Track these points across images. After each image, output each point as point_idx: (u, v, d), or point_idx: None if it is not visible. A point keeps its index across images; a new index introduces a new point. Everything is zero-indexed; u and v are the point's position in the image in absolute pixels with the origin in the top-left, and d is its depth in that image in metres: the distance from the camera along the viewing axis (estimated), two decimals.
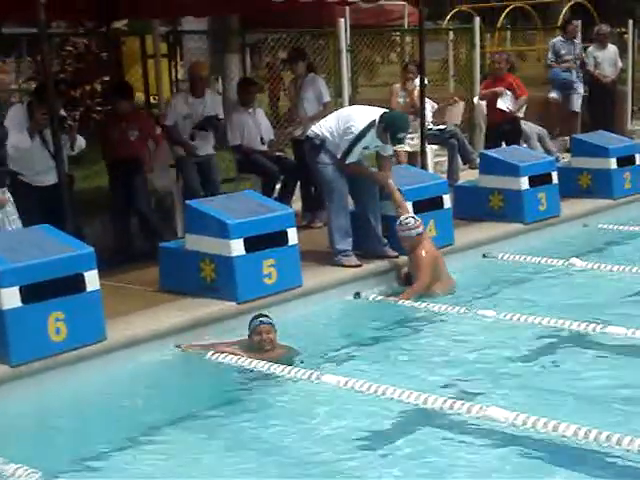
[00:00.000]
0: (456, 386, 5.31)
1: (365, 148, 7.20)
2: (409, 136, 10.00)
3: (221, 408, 5.16)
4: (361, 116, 7.17)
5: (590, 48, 13.54)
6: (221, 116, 8.76)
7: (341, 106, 11.10)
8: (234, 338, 5.94)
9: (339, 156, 7.11)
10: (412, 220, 7.07)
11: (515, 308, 6.48)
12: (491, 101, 10.95)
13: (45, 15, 5.97)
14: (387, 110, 7.27)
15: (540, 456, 4.43)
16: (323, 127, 7.31)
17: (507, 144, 10.40)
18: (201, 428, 4.93)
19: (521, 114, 11.10)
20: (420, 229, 7.07)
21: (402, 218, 7.10)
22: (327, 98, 9.16)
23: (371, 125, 7.06)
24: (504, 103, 10.81)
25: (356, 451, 4.58)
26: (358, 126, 7.06)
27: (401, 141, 7.19)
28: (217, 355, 5.72)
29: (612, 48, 13.53)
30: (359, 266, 7.18)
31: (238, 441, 4.79)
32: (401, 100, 10.47)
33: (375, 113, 7.17)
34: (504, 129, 10.83)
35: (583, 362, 5.67)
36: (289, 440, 4.75)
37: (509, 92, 10.74)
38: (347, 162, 7.11)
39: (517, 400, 5.02)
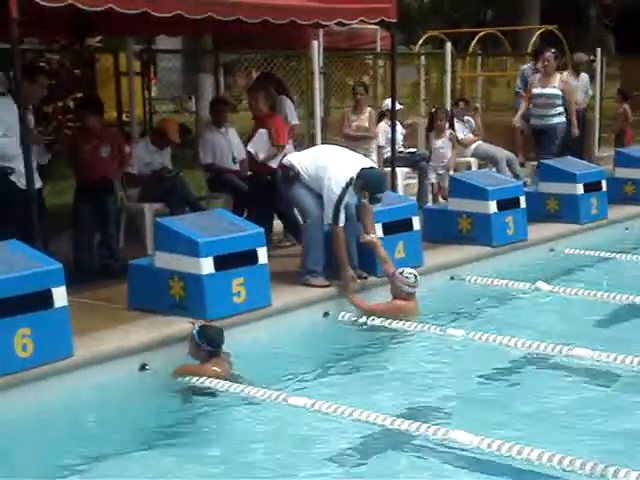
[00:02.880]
0: (423, 407, 5.34)
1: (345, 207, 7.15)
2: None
3: (186, 428, 5.14)
4: (339, 173, 7.02)
5: (563, 75, 13.71)
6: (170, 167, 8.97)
7: (313, 128, 11.21)
8: None
9: (329, 222, 7.03)
10: (413, 278, 7.01)
11: (482, 329, 6.54)
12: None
13: (18, 31, 5.99)
14: (365, 167, 7.12)
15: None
16: (299, 163, 7.27)
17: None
18: (165, 448, 4.90)
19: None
20: (413, 290, 7.03)
21: (407, 270, 7.04)
22: (294, 120, 9.15)
23: (349, 184, 7.01)
24: (254, 146, 8.71)
25: (322, 473, 4.58)
26: (337, 187, 6.97)
27: (379, 200, 7.11)
28: (185, 376, 5.72)
29: (585, 76, 13.73)
30: (327, 286, 7.21)
31: (202, 462, 4.76)
32: (354, 125, 10.36)
33: (352, 168, 7.06)
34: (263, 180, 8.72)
35: (548, 384, 5.73)
36: (254, 462, 4.73)
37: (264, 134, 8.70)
38: (340, 225, 7.03)
39: (483, 422, 5.05)
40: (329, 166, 7.13)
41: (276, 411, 5.28)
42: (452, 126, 11.42)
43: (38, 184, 6.95)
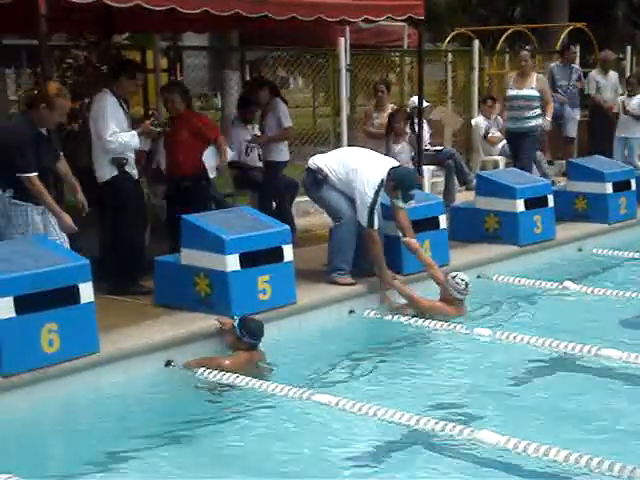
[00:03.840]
0: (449, 407, 5.30)
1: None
2: None
3: (210, 425, 5.14)
4: (370, 176, 7.03)
5: (592, 73, 13.59)
6: None
7: (339, 126, 11.18)
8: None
9: (365, 225, 7.03)
10: (464, 285, 6.94)
11: (509, 329, 6.50)
12: (177, 148, 7.90)
13: (46, 27, 6.02)
14: (393, 166, 7.19)
15: None
16: (326, 166, 7.25)
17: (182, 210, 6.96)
18: (189, 444, 4.91)
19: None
20: (462, 297, 6.96)
21: (460, 275, 6.99)
22: (288, 123, 9.20)
23: (380, 186, 7.04)
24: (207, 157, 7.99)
25: (345, 472, 4.56)
26: (370, 190, 6.98)
27: (413, 197, 7.15)
28: (209, 371, 5.72)
29: (614, 74, 13.59)
30: (353, 284, 7.19)
31: (224, 459, 4.77)
32: (376, 122, 10.30)
33: (382, 169, 7.09)
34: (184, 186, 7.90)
35: (576, 384, 5.69)
36: (277, 459, 4.72)
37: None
38: (375, 227, 7.05)
39: (510, 422, 5.02)
40: (359, 169, 7.12)
41: (301, 408, 5.26)
42: (412, 129, 10.07)
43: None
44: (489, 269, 8.13)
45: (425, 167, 10.00)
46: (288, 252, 6.61)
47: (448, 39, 17.51)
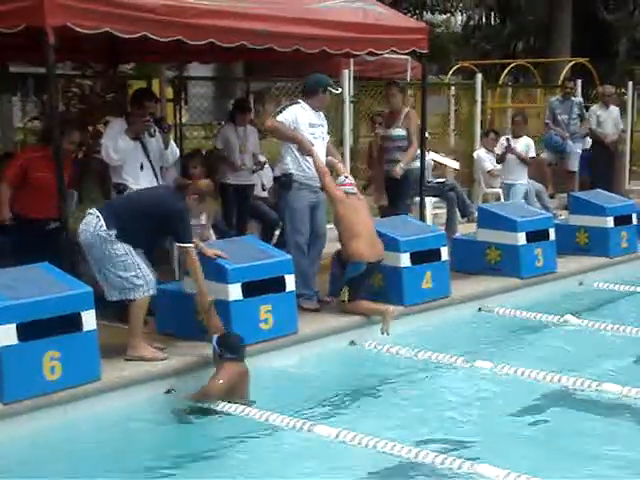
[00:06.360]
0: (449, 440, 5.29)
1: (312, 126, 7.34)
2: None
3: (209, 455, 5.12)
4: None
5: (593, 107, 13.68)
6: None
7: (342, 156, 11.22)
8: None
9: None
10: (343, 178, 7.33)
11: (510, 362, 6.49)
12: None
13: (54, 56, 6.06)
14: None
15: None
16: (286, 164, 7.41)
17: None
18: (189, 475, 4.90)
19: None
20: (347, 187, 7.25)
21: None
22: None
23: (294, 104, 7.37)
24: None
25: None
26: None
27: (332, 86, 7.46)
28: (209, 401, 5.71)
29: (615, 109, 13.68)
30: (317, 310, 7.25)
31: None
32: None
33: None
34: None
35: (576, 419, 5.67)
36: None
37: None
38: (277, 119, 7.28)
39: (510, 456, 5.00)
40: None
41: (301, 440, 5.25)
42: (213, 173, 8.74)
43: None
44: (490, 301, 8.14)
45: (427, 198, 10.02)
46: (290, 281, 6.63)
47: (451, 72, 17.61)
